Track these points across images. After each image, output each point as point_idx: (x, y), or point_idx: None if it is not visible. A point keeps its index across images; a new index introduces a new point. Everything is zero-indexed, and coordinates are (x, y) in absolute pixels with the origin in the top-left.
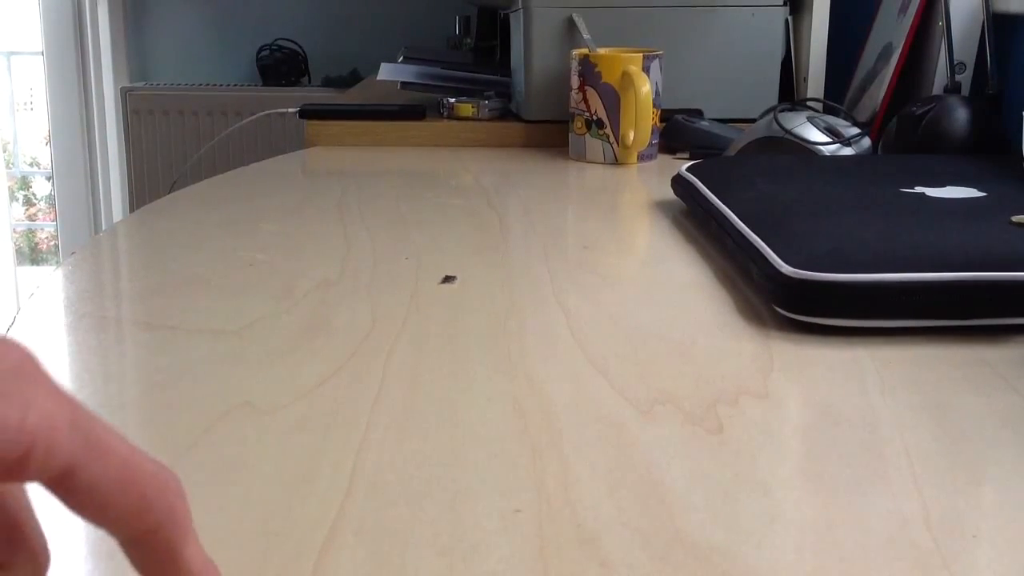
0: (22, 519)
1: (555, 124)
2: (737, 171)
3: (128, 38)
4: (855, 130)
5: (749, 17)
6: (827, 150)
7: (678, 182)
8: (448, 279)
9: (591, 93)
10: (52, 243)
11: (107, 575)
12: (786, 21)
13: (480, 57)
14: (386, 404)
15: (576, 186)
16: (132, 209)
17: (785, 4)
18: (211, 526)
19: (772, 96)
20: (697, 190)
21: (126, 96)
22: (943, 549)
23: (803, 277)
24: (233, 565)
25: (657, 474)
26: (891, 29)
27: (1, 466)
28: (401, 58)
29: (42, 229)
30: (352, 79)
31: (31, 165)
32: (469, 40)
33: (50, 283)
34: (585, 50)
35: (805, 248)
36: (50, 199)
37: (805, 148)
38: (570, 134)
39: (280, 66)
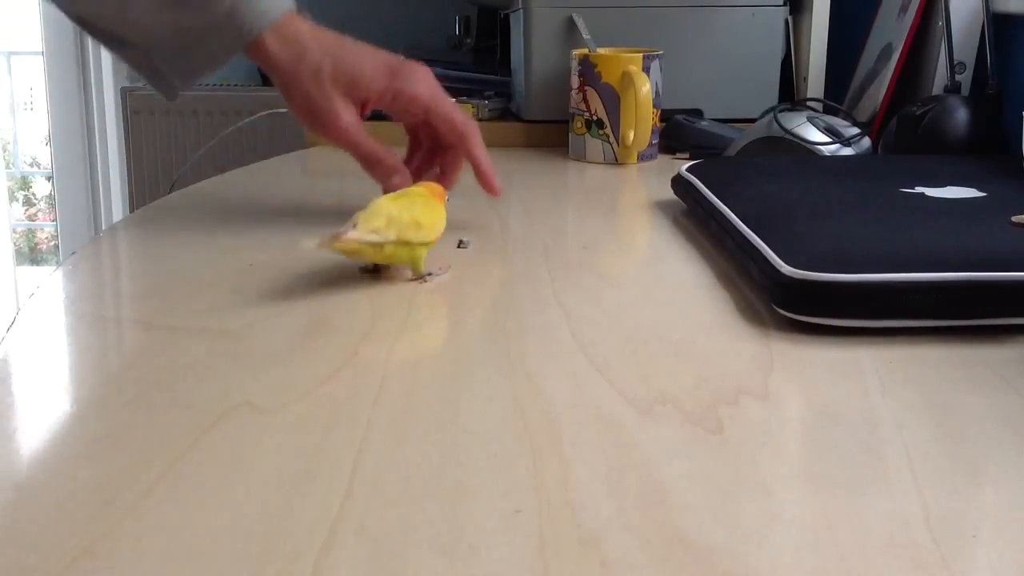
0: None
1: (555, 124)
2: (737, 171)
3: None
4: (855, 130)
5: (749, 17)
6: (827, 150)
7: (678, 182)
8: (461, 244)
9: (591, 93)
10: (52, 243)
11: (107, 575)
12: (786, 21)
13: (480, 57)
14: (386, 404)
15: (576, 186)
16: (132, 209)
17: (785, 4)
18: (211, 526)
19: (772, 96)
20: (697, 190)
21: (126, 96)
22: (943, 549)
23: (803, 277)
24: (233, 565)
25: (657, 474)
26: (891, 29)
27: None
28: (401, 58)
29: (42, 229)
30: None
31: (31, 165)
32: (469, 40)
33: (50, 283)
34: (585, 50)
35: (805, 248)
36: (50, 199)
37: (805, 148)
38: (570, 134)
39: None
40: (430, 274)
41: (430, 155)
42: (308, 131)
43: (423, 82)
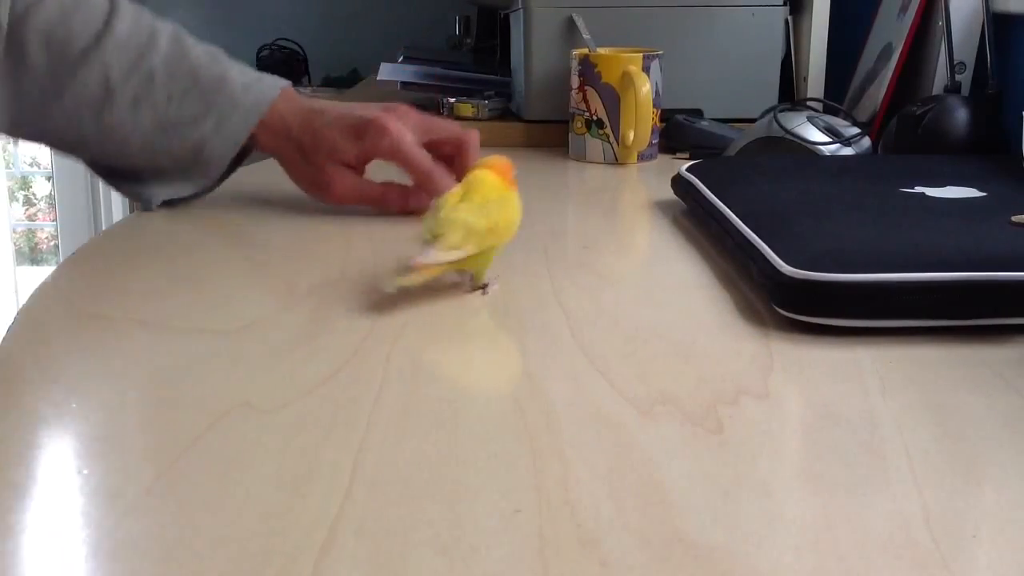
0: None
1: (555, 124)
2: (737, 171)
3: None
4: (855, 130)
5: (749, 17)
6: (827, 150)
7: (678, 182)
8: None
9: (591, 93)
10: (52, 243)
11: (107, 575)
12: (786, 21)
13: (480, 57)
14: (386, 404)
15: (576, 186)
16: (132, 209)
17: (785, 4)
18: (211, 526)
19: (772, 96)
20: (697, 190)
21: None
22: (943, 549)
23: (803, 277)
24: (233, 565)
25: (657, 474)
26: (891, 29)
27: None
28: (401, 58)
29: (42, 229)
30: (352, 79)
31: (31, 165)
32: (469, 40)
33: (50, 283)
34: (585, 50)
35: (805, 248)
36: (50, 199)
37: (805, 148)
38: (570, 134)
39: (280, 66)
40: (486, 285)
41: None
42: (316, 200)
43: (385, 135)
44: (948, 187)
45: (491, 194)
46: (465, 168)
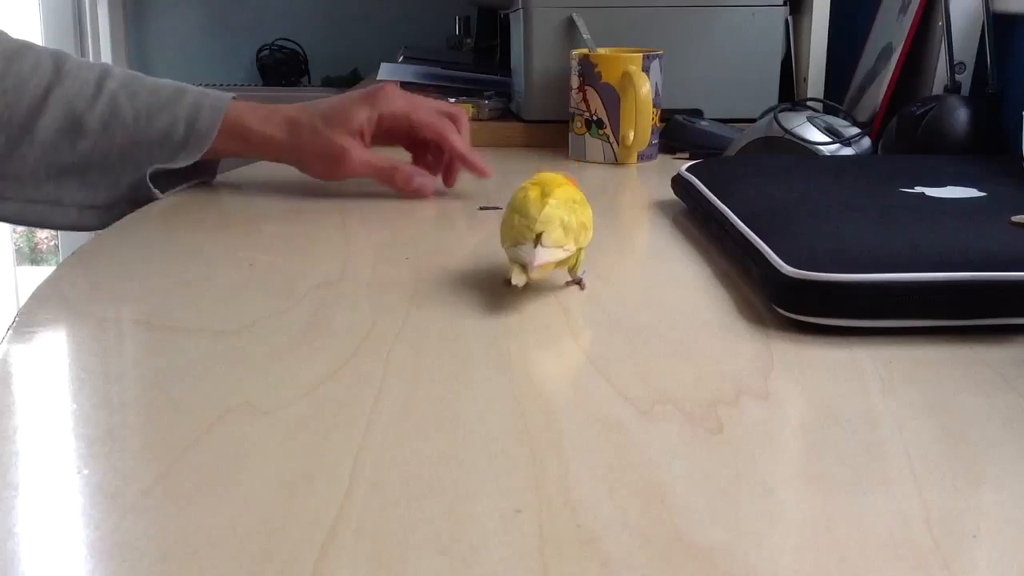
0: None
1: (555, 124)
2: (737, 171)
3: (128, 38)
4: (855, 130)
5: (749, 17)
6: (827, 150)
7: (678, 182)
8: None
9: (591, 93)
10: (52, 243)
11: (107, 575)
12: (786, 21)
13: (480, 57)
14: (386, 404)
15: None
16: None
17: (785, 4)
18: (211, 526)
19: (772, 96)
20: (697, 190)
21: None
22: (943, 549)
23: (803, 277)
24: (233, 565)
25: (657, 474)
26: (891, 29)
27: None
28: (401, 58)
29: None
30: (352, 79)
31: None
32: (469, 40)
33: (50, 283)
34: (585, 50)
35: (805, 248)
36: None
37: (805, 148)
38: (570, 134)
39: (280, 66)
40: (581, 279)
41: (435, 163)
42: (324, 177)
43: (398, 99)
44: (948, 187)
45: (571, 193)
46: (451, 154)
